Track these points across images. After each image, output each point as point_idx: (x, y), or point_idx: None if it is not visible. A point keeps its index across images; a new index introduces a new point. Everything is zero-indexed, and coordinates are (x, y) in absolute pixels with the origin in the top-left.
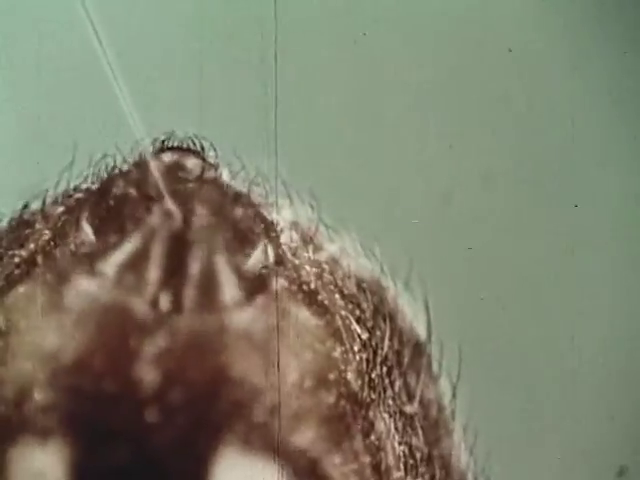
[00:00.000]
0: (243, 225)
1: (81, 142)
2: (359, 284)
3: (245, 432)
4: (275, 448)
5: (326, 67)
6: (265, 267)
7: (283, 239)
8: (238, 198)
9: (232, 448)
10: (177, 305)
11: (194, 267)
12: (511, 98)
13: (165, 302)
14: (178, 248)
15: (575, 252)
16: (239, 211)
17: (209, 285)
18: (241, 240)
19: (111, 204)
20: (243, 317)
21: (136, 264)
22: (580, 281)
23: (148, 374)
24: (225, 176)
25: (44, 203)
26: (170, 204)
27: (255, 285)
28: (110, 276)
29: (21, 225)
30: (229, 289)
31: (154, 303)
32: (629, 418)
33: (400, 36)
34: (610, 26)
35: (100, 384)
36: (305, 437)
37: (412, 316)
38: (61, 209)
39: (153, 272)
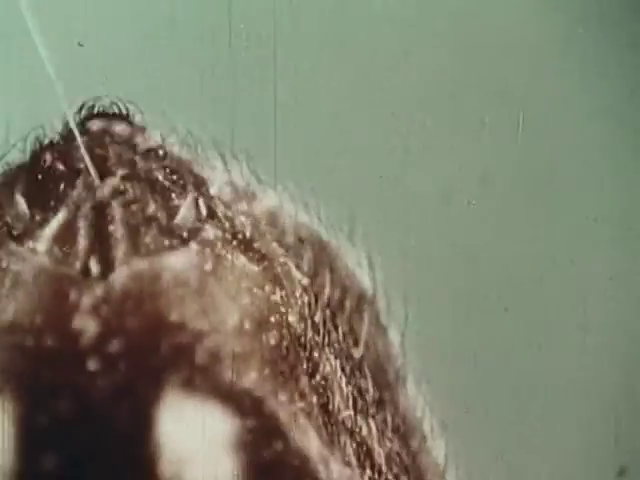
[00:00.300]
0: (168, 181)
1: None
2: (298, 235)
3: (188, 376)
4: (217, 391)
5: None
6: (197, 220)
7: (215, 192)
8: (162, 156)
9: (175, 392)
10: (107, 265)
11: (118, 226)
12: (511, 98)
13: (95, 266)
14: (101, 213)
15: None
16: (163, 168)
17: (136, 238)
18: (167, 195)
19: (39, 178)
20: (176, 262)
21: (64, 238)
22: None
23: (86, 325)
24: (155, 139)
25: None
26: (93, 176)
27: (188, 234)
28: (41, 252)
29: None
30: (157, 237)
31: (85, 271)
32: (629, 418)
33: (399, 35)
34: (613, 24)
35: (40, 340)
36: (249, 378)
37: (356, 269)
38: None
39: (81, 243)
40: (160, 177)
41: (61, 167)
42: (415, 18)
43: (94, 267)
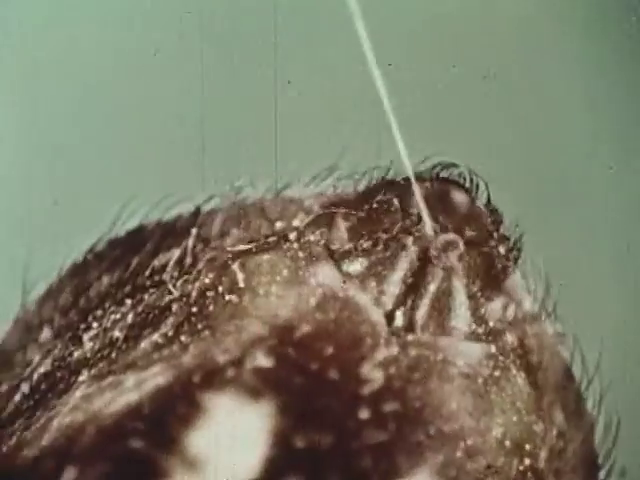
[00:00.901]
0: (497, 269)
1: (348, 148)
2: (570, 377)
3: (445, 464)
4: None
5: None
6: (501, 321)
7: (527, 305)
8: (504, 241)
9: (428, 474)
10: (410, 323)
11: (431, 288)
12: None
13: (400, 318)
14: (423, 267)
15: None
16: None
17: (442, 309)
18: (489, 283)
19: (373, 207)
20: (471, 353)
21: (380, 273)
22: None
23: (374, 375)
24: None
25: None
26: (427, 224)
27: (492, 331)
28: (354, 277)
29: (276, 202)
30: (461, 320)
31: (390, 317)
32: (629, 418)
33: (399, 35)
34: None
35: (325, 369)
36: None
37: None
38: (319, 201)
39: (394, 286)
40: (497, 266)
41: (397, 204)
42: (414, 17)
43: (399, 319)
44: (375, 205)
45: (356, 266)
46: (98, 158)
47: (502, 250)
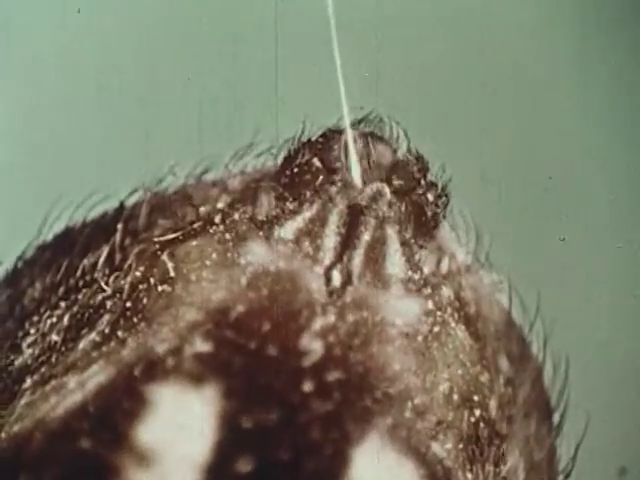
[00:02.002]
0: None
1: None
2: (511, 323)
3: (393, 426)
4: (415, 449)
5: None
6: (435, 275)
7: (461, 257)
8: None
9: (377, 438)
10: (348, 278)
11: (365, 239)
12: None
13: (337, 275)
14: (353, 218)
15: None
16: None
17: (377, 258)
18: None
19: (294, 171)
20: (409, 310)
21: (313, 232)
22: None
23: (312, 347)
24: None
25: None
26: (353, 176)
27: (429, 284)
28: (287, 242)
29: (198, 187)
30: (396, 267)
31: (328, 275)
32: (630, 418)
33: (399, 35)
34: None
35: (264, 347)
36: (444, 447)
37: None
38: (241, 179)
39: (328, 241)
40: (427, 213)
41: (318, 164)
42: (416, 16)
43: (337, 278)
44: (296, 170)
45: (287, 230)
46: (20, 163)
47: (430, 197)
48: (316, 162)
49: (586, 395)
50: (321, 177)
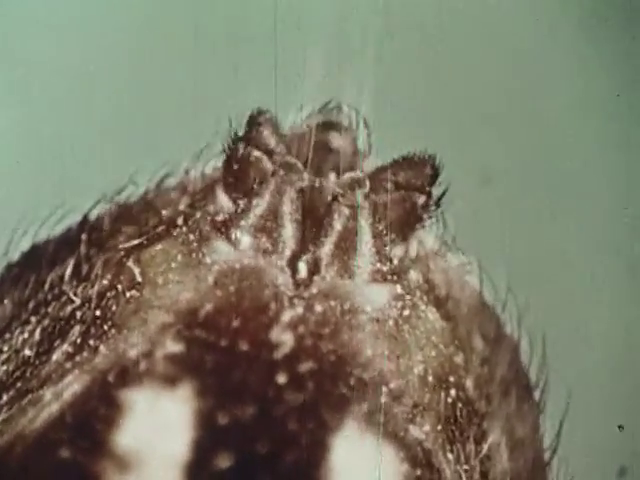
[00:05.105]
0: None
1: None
2: (483, 303)
3: (370, 411)
4: (393, 433)
5: None
6: (404, 259)
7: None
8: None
9: (355, 424)
10: (315, 267)
11: (336, 226)
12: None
13: (303, 266)
14: (311, 205)
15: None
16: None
17: (347, 250)
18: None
19: (237, 168)
20: (379, 296)
21: (267, 226)
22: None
23: (283, 339)
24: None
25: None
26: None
27: (397, 270)
28: (245, 241)
29: (159, 194)
30: (366, 259)
31: (293, 267)
32: (630, 418)
33: (400, 35)
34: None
35: (235, 343)
36: (423, 429)
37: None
38: (200, 180)
39: (286, 231)
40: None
41: (256, 153)
42: (420, 16)
43: (303, 269)
44: (237, 166)
45: (243, 228)
46: None
47: (422, 202)
48: (254, 152)
49: (566, 372)
50: (264, 164)
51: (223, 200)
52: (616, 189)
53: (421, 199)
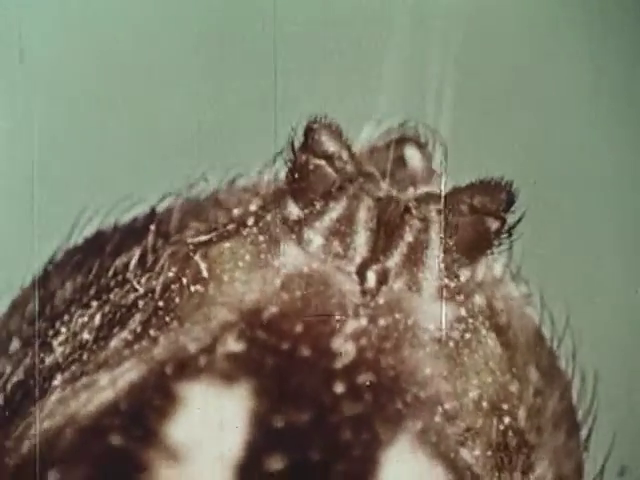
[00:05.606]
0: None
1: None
2: (541, 336)
3: (424, 430)
4: (444, 454)
5: None
6: (470, 282)
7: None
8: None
9: (407, 441)
10: (383, 277)
11: (407, 238)
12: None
13: (372, 275)
14: (386, 217)
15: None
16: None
17: (416, 263)
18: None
19: (298, 177)
20: (439, 315)
21: (341, 231)
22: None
23: (345, 349)
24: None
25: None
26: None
27: (464, 292)
28: (317, 243)
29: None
30: (434, 273)
31: (361, 275)
32: (630, 418)
33: (401, 35)
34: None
35: (296, 348)
36: (473, 453)
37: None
38: (273, 184)
39: (358, 237)
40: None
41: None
42: (423, 16)
43: (372, 278)
44: (298, 175)
45: (316, 231)
46: (52, 166)
47: (494, 227)
48: (313, 160)
49: (612, 411)
50: (326, 170)
51: (292, 207)
52: None
53: (495, 224)
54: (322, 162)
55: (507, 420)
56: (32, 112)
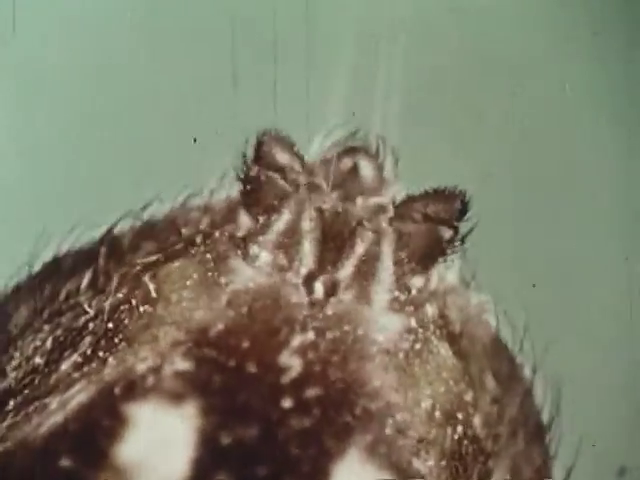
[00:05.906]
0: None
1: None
2: (497, 342)
3: (373, 442)
4: (396, 465)
5: None
6: (422, 291)
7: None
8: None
9: (357, 454)
10: (332, 289)
11: (358, 250)
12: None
13: (320, 286)
14: (336, 228)
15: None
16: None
17: (367, 275)
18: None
19: (251, 188)
20: (391, 326)
21: (285, 243)
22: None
23: (291, 364)
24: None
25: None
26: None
27: (413, 302)
28: (263, 257)
29: (182, 213)
30: (384, 286)
31: (309, 286)
32: (630, 418)
33: (402, 34)
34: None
35: (243, 364)
36: (426, 464)
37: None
38: (224, 201)
39: (303, 248)
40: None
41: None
42: (422, 16)
43: (319, 289)
44: (250, 187)
45: (261, 244)
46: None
47: (447, 236)
48: (265, 172)
49: (578, 418)
50: (278, 182)
51: (244, 219)
52: None
53: (447, 233)
54: (275, 174)
55: (461, 429)
56: None
